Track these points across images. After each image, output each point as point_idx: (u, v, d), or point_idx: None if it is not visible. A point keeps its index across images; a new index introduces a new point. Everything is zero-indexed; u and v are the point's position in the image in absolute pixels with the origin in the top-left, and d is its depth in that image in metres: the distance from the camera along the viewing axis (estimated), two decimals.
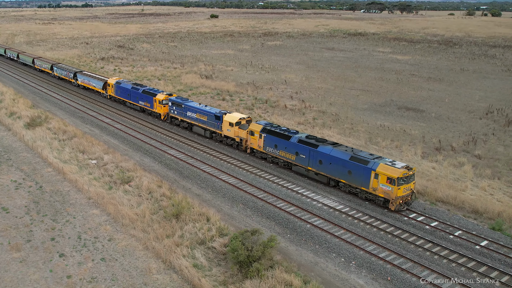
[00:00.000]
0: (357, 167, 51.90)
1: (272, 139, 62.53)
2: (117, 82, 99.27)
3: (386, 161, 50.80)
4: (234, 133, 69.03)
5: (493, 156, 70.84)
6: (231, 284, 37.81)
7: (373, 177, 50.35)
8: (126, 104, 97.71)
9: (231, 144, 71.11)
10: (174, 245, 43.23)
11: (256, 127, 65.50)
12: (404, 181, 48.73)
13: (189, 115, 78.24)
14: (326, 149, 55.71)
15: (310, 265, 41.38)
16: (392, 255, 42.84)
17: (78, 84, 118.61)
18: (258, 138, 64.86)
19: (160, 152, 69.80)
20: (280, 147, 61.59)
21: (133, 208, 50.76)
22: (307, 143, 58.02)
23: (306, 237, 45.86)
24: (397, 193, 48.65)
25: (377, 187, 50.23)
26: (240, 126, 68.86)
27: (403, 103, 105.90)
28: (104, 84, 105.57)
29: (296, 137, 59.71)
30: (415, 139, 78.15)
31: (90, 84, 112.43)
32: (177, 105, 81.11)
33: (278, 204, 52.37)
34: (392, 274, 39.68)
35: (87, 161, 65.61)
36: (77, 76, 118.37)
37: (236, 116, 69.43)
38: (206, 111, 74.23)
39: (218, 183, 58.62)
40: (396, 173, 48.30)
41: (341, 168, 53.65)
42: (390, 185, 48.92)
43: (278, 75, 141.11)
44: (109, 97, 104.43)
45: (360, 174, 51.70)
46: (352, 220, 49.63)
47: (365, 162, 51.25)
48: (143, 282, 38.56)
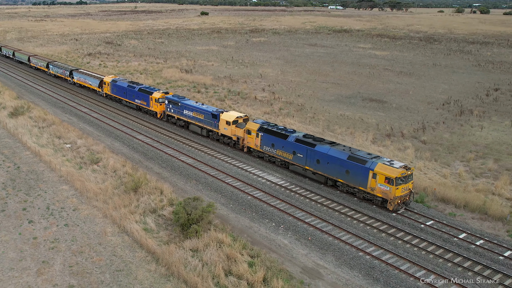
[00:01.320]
0: (355, 166, 51.58)
1: (269, 138, 62.24)
2: (113, 80, 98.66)
3: (384, 160, 50.52)
4: (231, 131, 68.82)
5: (437, 142, 76.94)
6: (173, 243, 44.26)
7: (371, 176, 50.07)
8: (122, 103, 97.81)
9: (228, 143, 71.36)
10: (129, 213, 49.75)
11: (253, 126, 65.06)
12: (402, 181, 48.50)
13: (185, 114, 78.09)
14: (323, 148, 55.45)
15: (245, 228, 48.05)
16: (316, 220, 49.96)
17: (74, 82, 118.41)
18: (255, 137, 64.56)
19: (129, 137, 76.31)
20: (277, 146, 61.27)
21: (98, 184, 57.31)
22: (304, 142, 57.72)
23: (245, 206, 52.44)
24: (395, 193, 48.49)
25: (375, 187, 49.99)
26: (237, 124, 68.62)
27: (369, 95, 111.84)
28: (100, 82, 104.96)
29: (293, 136, 59.32)
30: (370, 127, 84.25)
31: (86, 82, 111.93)
32: (173, 103, 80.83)
33: (227, 180, 58.93)
34: (312, 235, 46.47)
35: (62, 145, 72.00)
36: (73, 74, 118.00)
37: (233, 115, 68.82)
38: (203, 110, 73.89)
39: (177, 163, 65.26)
40: (394, 173, 48.05)
41: (339, 167, 53.30)
42: (388, 185, 48.62)
43: (256, 69, 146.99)
44: (105, 95, 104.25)
45: (358, 173, 51.40)
46: (289, 192, 56.18)
47: (363, 162, 50.92)
48: (98, 242, 45.15)
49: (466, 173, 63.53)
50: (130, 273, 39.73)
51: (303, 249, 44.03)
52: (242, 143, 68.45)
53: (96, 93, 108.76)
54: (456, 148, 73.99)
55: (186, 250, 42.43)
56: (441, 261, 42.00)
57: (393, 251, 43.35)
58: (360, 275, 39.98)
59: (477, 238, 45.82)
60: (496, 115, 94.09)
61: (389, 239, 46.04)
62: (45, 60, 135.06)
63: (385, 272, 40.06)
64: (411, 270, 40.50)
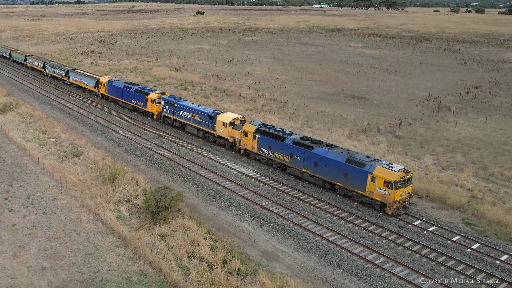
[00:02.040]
0: (353, 169, 50.66)
1: (266, 140, 61.27)
2: (109, 81, 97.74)
3: (383, 163, 49.68)
4: (228, 133, 68.00)
5: (412, 137, 79.63)
6: (142, 229, 47.16)
7: (370, 180, 49.18)
8: (119, 103, 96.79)
9: (225, 145, 70.46)
10: (104, 202, 52.51)
11: (250, 128, 64.12)
12: (401, 185, 47.51)
13: (182, 115, 77.09)
14: (321, 151, 54.52)
15: (213, 216, 50.89)
16: (281, 208, 52.84)
17: (71, 83, 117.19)
18: (252, 139, 63.59)
19: (112, 132, 79.08)
20: (274, 149, 60.47)
21: (78, 175, 60.07)
22: (302, 145, 56.74)
23: (215, 196, 55.26)
24: (395, 197, 47.52)
25: (374, 190, 49.13)
26: (234, 126, 67.59)
27: (352, 92, 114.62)
28: (96, 82, 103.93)
29: (291, 138, 58.42)
30: (348, 123, 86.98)
31: (82, 83, 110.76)
32: (170, 104, 80.00)
33: (200, 172, 61.75)
34: (275, 222, 49.36)
35: (47, 139, 74.73)
36: (69, 74, 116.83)
37: (230, 116, 68.03)
38: (200, 111, 73.09)
39: (155, 156, 68.08)
40: (393, 176, 47.12)
41: (337, 170, 52.37)
42: (387, 188, 47.67)
43: (244, 67, 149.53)
44: (101, 95, 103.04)
45: (356, 177, 50.45)
46: (258, 183, 58.93)
47: (361, 165, 50.00)
48: (73, 229, 47.96)
49: (433, 166, 66.08)
50: (100, 257, 42.40)
51: (265, 234, 46.77)
52: (239, 145, 67.46)
53: (92, 94, 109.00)
54: (428, 142, 76.31)
55: (154, 236, 45.13)
56: (392, 245, 44.89)
57: (349, 236, 46.39)
58: (315, 258, 42.73)
59: (430, 225, 48.51)
60: (473, 111, 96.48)
61: (347, 226, 49.15)
62: (42, 60, 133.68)
63: (338, 255, 42.87)
64: (363, 253, 43.28)
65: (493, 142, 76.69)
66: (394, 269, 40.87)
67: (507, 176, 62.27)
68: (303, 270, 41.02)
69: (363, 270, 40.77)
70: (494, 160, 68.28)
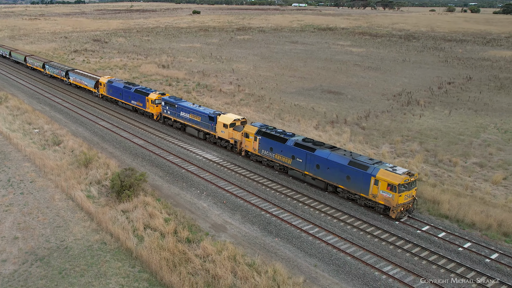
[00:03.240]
0: (356, 172, 49.80)
1: (268, 141, 60.47)
2: (109, 81, 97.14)
3: (386, 166, 48.90)
4: (228, 134, 67.44)
5: (376, 128, 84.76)
6: (108, 206, 52.70)
7: (373, 183, 48.37)
8: (119, 104, 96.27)
9: (225, 146, 70.18)
10: (77, 184, 57.85)
11: (251, 129, 63.44)
12: (405, 188, 46.75)
13: (182, 116, 76.47)
14: (323, 153, 53.69)
15: (173, 195, 56.30)
16: (235, 188, 58.47)
17: (70, 83, 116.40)
18: (253, 141, 62.83)
19: (92, 123, 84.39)
20: (276, 150, 59.62)
21: (56, 161, 65.47)
22: (303, 147, 55.92)
23: (178, 178, 60.66)
24: (398, 200, 46.65)
25: (377, 193, 48.27)
26: (235, 127, 66.92)
27: (330, 87, 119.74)
28: (96, 83, 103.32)
29: (293, 140, 57.70)
30: (318, 115, 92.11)
31: (82, 83, 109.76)
32: (170, 105, 79.36)
33: (168, 157, 67.15)
34: (228, 199, 54.90)
35: (31, 130, 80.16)
36: (69, 75, 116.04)
37: (231, 117, 67.30)
38: (200, 112, 72.20)
39: (129, 144, 73.44)
40: (397, 180, 46.40)
41: (339, 173, 51.44)
42: (390, 192, 46.90)
43: (230, 65, 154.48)
44: (101, 96, 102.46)
45: (359, 179, 49.65)
46: (219, 167, 64.21)
47: (364, 168, 49.17)
48: (47, 206, 53.35)
49: (388, 154, 71.32)
50: (68, 229, 47.87)
51: (217, 210, 52.23)
52: (240, 146, 66.95)
53: (92, 94, 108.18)
54: (390, 133, 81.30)
55: (117, 211, 50.59)
56: (329, 218, 50.56)
57: (291, 210, 52.48)
58: (258, 229, 48.17)
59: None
60: (440, 105, 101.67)
61: (292, 202, 54.68)
62: (41, 60, 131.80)
63: (278, 226, 48.31)
64: (300, 224, 49.22)
65: (451, 132, 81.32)
66: (326, 237, 47.11)
67: (454, 162, 67.22)
68: (245, 238, 46.33)
69: (297, 238, 46.14)
70: (447, 149, 73.12)
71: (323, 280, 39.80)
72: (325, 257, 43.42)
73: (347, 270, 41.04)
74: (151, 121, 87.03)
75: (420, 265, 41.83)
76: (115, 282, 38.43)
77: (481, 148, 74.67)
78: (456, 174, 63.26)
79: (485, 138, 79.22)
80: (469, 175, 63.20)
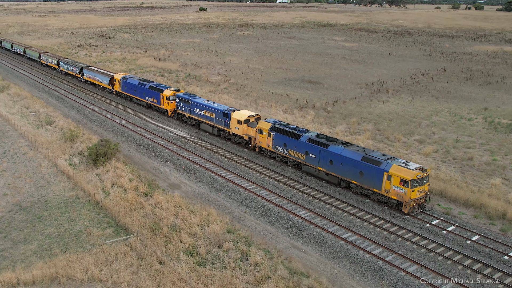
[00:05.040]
0: (369, 168, 50.29)
1: (281, 137, 60.87)
2: (124, 78, 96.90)
3: (399, 162, 49.29)
4: (243, 131, 67.84)
5: (339, 111, 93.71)
6: (85, 170, 63.10)
7: (386, 178, 48.78)
8: (133, 100, 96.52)
9: (240, 142, 70.70)
10: (61, 154, 67.74)
11: (265, 125, 63.65)
12: (418, 183, 47.17)
13: (196, 112, 76.70)
14: (337, 149, 54.00)
15: (142, 162, 66.12)
16: (195, 156, 67.97)
17: (85, 80, 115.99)
18: (267, 137, 63.24)
19: (83, 107, 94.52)
20: (290, 146, 59.99)
21: (46, 137, 75.91)
22: (317, 142, 56.34)
23: (149, 149, 70.30)
24: (411, 195, 47.06)
25: (390, 189, 48.71)
26: (249, 124, 67.35)
27: (310, 78, 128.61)
28: (111, 79, 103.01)
29: (306, 136, 57.97)
30: (291, 101, 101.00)
31: (96, 80, 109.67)
32: (184, 101, 79.28)
33: (144, 134, 76.78)
34: (187, 165, 64.72)
35: (28, 113, 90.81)
36: (83, 72, 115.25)
37: (245, 114, 67.56)
38: (214, 108, 72.45)
39: (112, 123, 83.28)
40: (409, 175, 46.87)
41: (353, 168, 51.99)
42: (403, 187, 47.26)
43: (224, 58, 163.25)
44: (116, 92, 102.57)
45: (372, 175, 50.09)
46: (186, 141, 73.47)
47: (377, 163, 49.57)
48: (34, 171, 63.44)
49: (343, 132, 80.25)
50: (49, 188, 57.87)
51: (176, 174, 62.08)
52: (254, 142, 67.51)
53: (106, 91, 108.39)
54: (352, 116, 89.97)
55: (92, 174, 60.55)
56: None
57: (233, 171, 62.19)
58: (206, 187, 58.03)
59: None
60: (407, 93, 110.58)
61: (232, 164, 64.00)
62: (56, 57, 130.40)
63: (223, 184, 58.26)
64: (243, 184, 59.04)
65: (406, 115, 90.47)
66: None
67: (397, 138, 76.55)
68: (194, 193, 56.07)
69: (236, 192, 56.05)
70: (397, 128, 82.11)
71: (248, 221, 49.30)
72: (245, 199, 53.56)
73: (267, 214, 51.47)
74: (133, 104, 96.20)
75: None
76: (81, 224, 48.44)
77: (427, 128, 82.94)
78: (395, 148, 71.92)
79: (435, 120, 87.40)
80: (406, 149, 71.84)
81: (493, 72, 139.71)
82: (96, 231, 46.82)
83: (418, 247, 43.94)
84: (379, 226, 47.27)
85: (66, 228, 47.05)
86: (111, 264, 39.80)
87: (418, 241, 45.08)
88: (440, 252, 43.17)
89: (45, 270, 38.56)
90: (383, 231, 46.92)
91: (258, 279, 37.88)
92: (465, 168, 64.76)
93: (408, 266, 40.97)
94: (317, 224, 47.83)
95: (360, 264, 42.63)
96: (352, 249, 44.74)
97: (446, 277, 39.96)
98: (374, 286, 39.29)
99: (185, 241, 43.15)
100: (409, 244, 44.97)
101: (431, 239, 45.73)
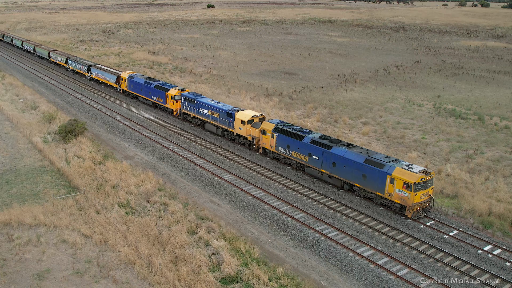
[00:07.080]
0: (372, 170, 48.58)
1: (285, 139, 59.24)
2: (130, 76, 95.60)
3: (402, 164, 47.52)
4: (246, 131, 66.16)
5: (303, 99, 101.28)
6: (55, 146, 72.66)
7: (389, 181, 47.05)
8: (139, 99, 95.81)
9: (243, 143, 69.14)
10: (38, 133, 77.44)
11: (268, 126, 62.09)
12: (421, 187, 45.39)
13: (201, 112, 75.48)
14: (340, 151, 52.37)
15: (107, 139, 75.12)
16: (154, 134, 77.53)
17: (92, 78, 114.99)
18: (270, 138, 61.61)
19: (68, 95, 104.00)
20: (293, 148, 58.34)
21: (29, 120, 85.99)
22: (320, 144, 54.80)
23: (115, 129, 78.80)
24: (414, 199, 45.26)
25: (393, 192, 47.00)
26: (253, 124, 65.73)
27: (289, 70, 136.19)
28: (117, 78, 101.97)
29: (309, 137, 56.56)
30: (261, 90, 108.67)
31: (103, 78, 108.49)
32: (189, 101, 78.01)
33: (115, 117, 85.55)
34: (145, 142, 74.09)
35: (17, 99, 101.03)
36: (91, 70, 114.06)
37: (249, 114, 66.15)
38: (218, 108, 71.05)
39: (90, 108, 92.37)
40: (413, 178, 45.09)
41: (356, 171, 50.30)
42: (406, 190, 45.59)
43: (215, 52, 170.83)
44: (122, 91, 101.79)
45: (375, 178, 48.38)
46: (153, 123, 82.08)
47: (380, 166, 47.93)
48: (11, 147, 72.54)
49: (297, 116, 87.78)
50: (22, 160, 67.14)
51: (134, 148, 70.87)
52: (257, 143, 65.77)
53: (113, 89, 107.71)
54: (313, 102, 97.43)
55: (61, 148, 69.64)
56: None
57: (188, 148, 71.18)
58: (155, 157, 67.19)
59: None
60: (374, 83, 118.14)
61: (182, 139, 73.20)
62: (65, 55, 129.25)
63: (168, 155, 67.44)
64: (194, 159, 68.07)
65: (363, 102, 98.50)
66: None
67: (343, 121, 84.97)
68: (143, 162, 64.96)
69: (178, 161, 64.99)
70: (350, 113, 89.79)
71: (180, 183, 58.40)
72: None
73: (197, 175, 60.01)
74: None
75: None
76: (41, 186, 57.44)
77: (377, 112, 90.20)
78: (338, 128, 79.94)
79: (388, 106, 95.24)
80: (349, 130, 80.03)
81: (464, 65, 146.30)
82: (52, 191, 55.43)
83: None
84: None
85: (28, 189, 55.80)
86: (57, 214, 48.74)
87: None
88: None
89: (1, 217, 47.89)
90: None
91: (171, 222, 46.78)
92: (393, 145, 72.31)
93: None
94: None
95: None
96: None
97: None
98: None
99: (121, 196, 52.00)
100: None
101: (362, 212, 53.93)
